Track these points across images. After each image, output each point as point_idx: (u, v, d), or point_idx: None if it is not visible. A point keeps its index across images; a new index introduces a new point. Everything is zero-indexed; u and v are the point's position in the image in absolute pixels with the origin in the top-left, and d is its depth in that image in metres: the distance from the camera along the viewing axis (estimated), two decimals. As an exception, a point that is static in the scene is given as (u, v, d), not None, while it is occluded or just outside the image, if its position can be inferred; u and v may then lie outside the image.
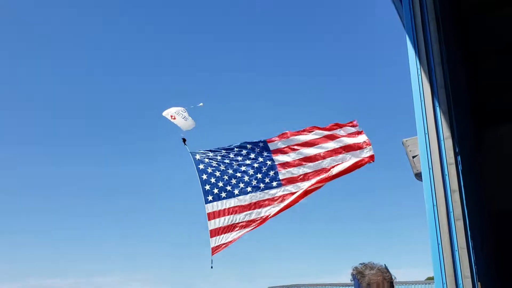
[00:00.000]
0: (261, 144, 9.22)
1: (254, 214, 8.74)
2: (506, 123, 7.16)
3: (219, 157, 9.28)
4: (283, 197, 8.82)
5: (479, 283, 4.23)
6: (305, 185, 8.76)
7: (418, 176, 4.98)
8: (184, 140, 9.48)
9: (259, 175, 8.98)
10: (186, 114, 10.28)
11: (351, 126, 9.18)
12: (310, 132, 9.16)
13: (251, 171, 9.06)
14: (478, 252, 4.49)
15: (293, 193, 8.74)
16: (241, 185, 8.98)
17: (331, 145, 9.03)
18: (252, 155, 9.15)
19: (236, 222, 8.73)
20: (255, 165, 9.08)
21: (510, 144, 6.93)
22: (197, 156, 9.26)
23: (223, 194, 8.95)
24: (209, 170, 9.12)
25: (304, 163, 8.99)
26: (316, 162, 8.95)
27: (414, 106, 4.80)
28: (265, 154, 9.10)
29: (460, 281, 4.08)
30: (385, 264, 2.46)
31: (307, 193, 8.74)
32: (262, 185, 8.91)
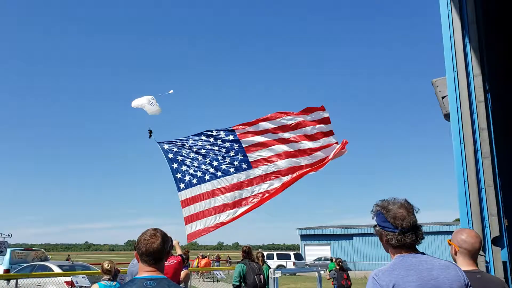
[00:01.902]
0: (228, 130, 9.18)
1: (226, 198, 8.72)
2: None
3: (187, 145, 9.24)
4: (254, 180, 8.79)
5: (505, 220, 4.23)
6: (278, 166, 8.76)
7: (448, 117, 4.88)
8: (150, 132, 9.48)
9: (228, 159, 8.96)
10: (154, 101, 10.27)
11: (319, 110, 9.08)
12: (277, 118, 9.05)
13: (219, 156, 9.04)
14: (506, 190, 4.47)
15: (264, 176, 8.69)
16: (212, 170, 8.97)
17: (301, 130, 8.93)
18: (219, 141, 9.11)
19: (211, 207, 8.71)
20: (223, 150, 9.05)
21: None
22: (165, 146, 9.22)
23: (194, 181, 8.96)
24: (179, 158, 9.12)
25: (274, 144, 8.98)
26: (288, 144, 8.89)
27: (444, 42, 4.64)
28: (232, 138, 9.05)
29: (486, 219, 4.09)
30: (405, 199, 2.46)
31: (288, 184, 8.67)
32: (232, 169, 8.90)
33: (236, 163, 8.92)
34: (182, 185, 8.97)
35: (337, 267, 12.42)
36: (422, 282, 2.22)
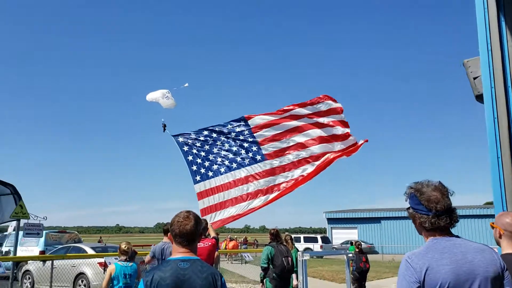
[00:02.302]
0: (241, 122, 9.19)
1: (241, 190, 8.82)
2: None
3: (202, 138, 9.27)
4: (269, 172, 8.87)
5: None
6: (292, 157, 8.81)
7: (480, 98, 4.76)
8: (164, 126, 9.51)
9: (242, 152, 9.02)
10: (169, 94, 10.32)
11: (331, 100, 9.11)
12: (289, 110, 9.07)
13: (234, 149, 9.11)
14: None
15: (279, 167, 8.73)
16: (227, 162, 9.04)
17: (314, 120, 8.97)
18: (233, 134, 9.15)
19: (225, 199, 8.80)
20: (238, 142, 9.10)
21: None
22: (180, 139, 9.26)
23: (210, 173, 9.04)
24: (194, 151, 9.16)
25: (288, 136, 9.00)
26: (300, 134, 8.93)
27: (477, 21, 4.50)
28: (246, 131, 9.09)
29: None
30: (439, 181, 2.42)
31: (305, 180, 8.70)
32: (246, 161, 8.99)
33: (250, 155, 9.02)
34: (198, 177, 9.10)
35: (357, 250, 12.48)
36: (457, 265, 2.19)
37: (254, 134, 9.08)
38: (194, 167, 9.12)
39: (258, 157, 8.98)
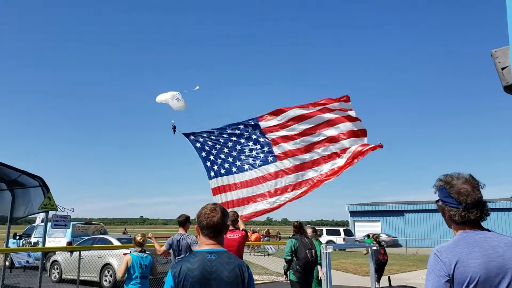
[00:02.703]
0: (252, 123, 9.15)
1: (253, 190, 8.87)
2: None
3: (213, 137, 9.31)
4: (280, 172, 8.86)
5: None
6: (305, 157, 8.76)
7: (508, 89, 4.64)
8: (174, 128, 9.57)
9: (254, 153, 9.04)
10: (180, 96, 10.29)
11: (343, 100, 8.98)
12: (301, 108, 9.01)
13: (246, 150, 9.13)
14: None
15: (292, 168, 8.71)
16: (238, 163, 9.08)
17: (324, 117, 8.85)
18: (246, 134, 9.14)
19: (240, 197, 8.87)
20: (250, 143, 9.10)
21: None
22: (191, 136, 9.34)
23: (222, 171, 9.11)
24: (206, 148, 9.24)
25: (298, 137, 8.93)
26: (311, 136, 8.85)
27: (507, 8, 4.38)
28: (258, 132, 9.08)
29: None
30: (470, 174, 2.37)
31: (318, 183, 8.67)
32: (258, 162, 9.03)
33: (262, 156, 9.05)
34: (212, 173, 9.23)
35: (374, 242, 12.61)
36: (487, 259, 2.15)
37: (266, 135, 9.11)
38: (208, 163, 9.26)
39: (270, 158, 9.02)
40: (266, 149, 9.08)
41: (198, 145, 9.34)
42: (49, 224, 11.79)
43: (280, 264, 18.37)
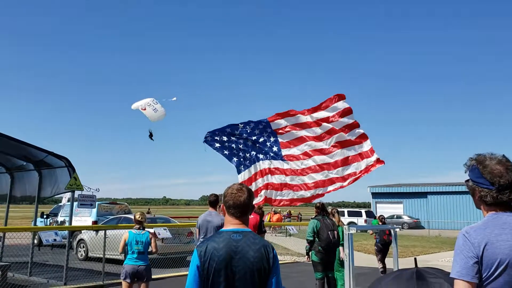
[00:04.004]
0: (264, 122, 9.35)
1: (292, 178, 9.01)
2: None
3: (228, 130, 9.37)
4: (287, 171, 9.08)
5: None
6: (308, 163, 9.02)
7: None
8: (150, 134, 9.49)
9: (266, 149, 9.24)
10: (157, 106, 10.17)
11: (343, 100, 9.22)
12: (309, 113, 9.24)
13: (257, 146, 9.32)
14: None
15: (298, 170, 8.93)
16: (249, 159, 9.30)
17: (328, 125, 9.11)
18: (257, 131, 9.32)
19: (279, 182, 9.03)
20: (260, 140, 9.29)
21: None
22: (208, 138, 9.31)
23: (248, 162, 9.33)
24: (226, 145, 9.33)
25: (304, 142, 9.20)
26: (319, 142, 9.09)
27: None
28: (268, 131, 9.31)
29: None
30: (503, 154, 2.30)
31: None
32: (271, 154, 9.28)
33: (272, 154, 9.24)
34: (241, 167, 9.36)
35: (380, 223, 12.87)
36: None
37: (277, 136, 9.32)
38: (235, 158, 9.35)
39: (279, 159, 9.25)
40: (275, 148, 9.32)
41: (217, 145, 9.39)
42: (75, 203, 12.05)
43: (302, 245, 18.44)
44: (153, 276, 11.67)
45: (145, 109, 10.97)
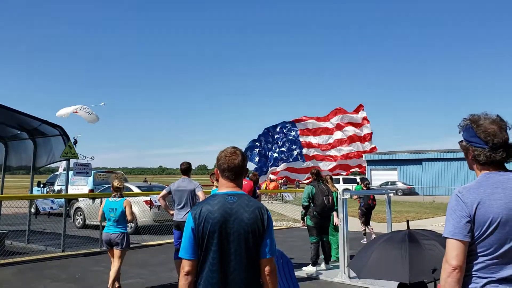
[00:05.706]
0: (290, 124, 11.09)
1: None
2: None
3: (262, 138, 10.95)
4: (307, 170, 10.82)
5: None
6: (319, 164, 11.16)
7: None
8: (75, 141, 10.76)
9: (290, 146, 10.92)
10: (90, 110, 11.65)
11: (361, 110, 11.63)
12: (330, 119, 11.40)
13: (284, 148, 10.90)
14: None
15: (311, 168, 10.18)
16: (275, 156, 10.94)
17: (341, 133, 11.35)
18: (285, 130, 10.99)
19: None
20: (286, 140, 10.91)
21: None
22: (249, 154, 10.73)
23: (280, 162, 11.05)
24: (255, 150, 10.78)
25: (318, 145, 11.24)
26: (333, 149, 11.34)
27: None
28: (294, 133, 10.98)
29: None
30: (498, 115, 2.28)
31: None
32: (291, 160, 10.92)
33: (295, 153, 10.81)
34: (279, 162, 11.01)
35: (364, 188, 13.08)
36: (510, 199, 2.12)
37: (300, 137, 10.96)
38: (271, 162, 10.82)
39: (300, 159, 10.88)
40: (297, 149, 10.94)
41: (248, 153, 10.69)
42: (71, 172, 12.05)
43: (297, 211, 18.63)
44: (150, 243, 11.87)
45: (76, 112, 11.99)
